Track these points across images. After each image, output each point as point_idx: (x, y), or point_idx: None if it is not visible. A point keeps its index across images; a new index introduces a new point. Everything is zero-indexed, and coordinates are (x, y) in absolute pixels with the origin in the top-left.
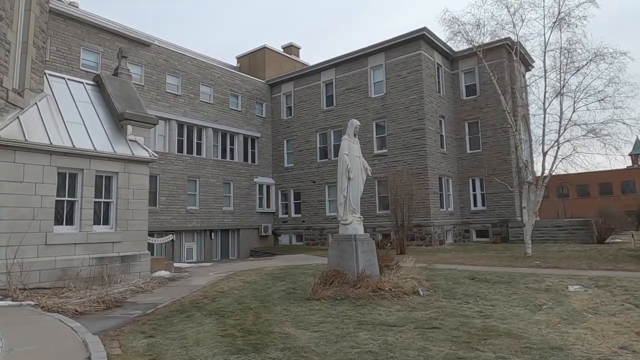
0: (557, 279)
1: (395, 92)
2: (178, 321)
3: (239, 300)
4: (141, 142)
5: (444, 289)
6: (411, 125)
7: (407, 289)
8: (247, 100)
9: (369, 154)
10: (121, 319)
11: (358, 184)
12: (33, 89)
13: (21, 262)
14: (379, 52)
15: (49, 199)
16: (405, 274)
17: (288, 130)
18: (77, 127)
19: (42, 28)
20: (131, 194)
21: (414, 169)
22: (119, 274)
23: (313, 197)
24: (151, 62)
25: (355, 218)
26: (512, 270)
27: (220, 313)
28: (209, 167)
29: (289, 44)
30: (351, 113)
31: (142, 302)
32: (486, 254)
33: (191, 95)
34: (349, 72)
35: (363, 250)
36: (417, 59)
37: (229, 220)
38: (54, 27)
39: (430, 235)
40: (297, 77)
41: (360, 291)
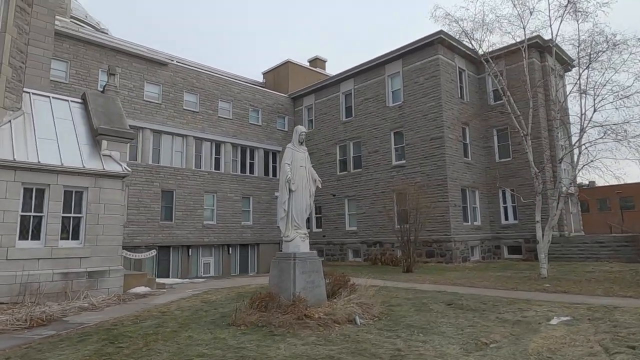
0: (550, 307)
1: (412, 99)
2: (64, 346)
3: (161, 324)
4: (117, 157)
5: (394, 316)
6: (430, 134)
7: (341, 316)
8: (267, 114)
9: (386, 166)
10: (21, 340)
11: (302, 196)
12: (8, 107)
13: None
14: (396, 59)
15: (11, 214)
16: (356, 297)
17: (309, 143)
18: (49, 143)
19: (20, 49)
20: (102, 209)
21: (433, 181)
22: (83, 290)
23: (333, 211)
24: (169, 80)
25: (298, 234)
26: (508, 295)
27: (118, 338)
28: (227, 182)
29: (315, 57)
30: (369, 123)
31: (74, 321)
32: (502, 274)
33: (209, 111)
34: (367, 82)
35: (303, 270)
36: (434, 64)
37: (248, 235)
38: (74, 51)
39: (451, 252)
40: (318, 90)
41: (285, 318)
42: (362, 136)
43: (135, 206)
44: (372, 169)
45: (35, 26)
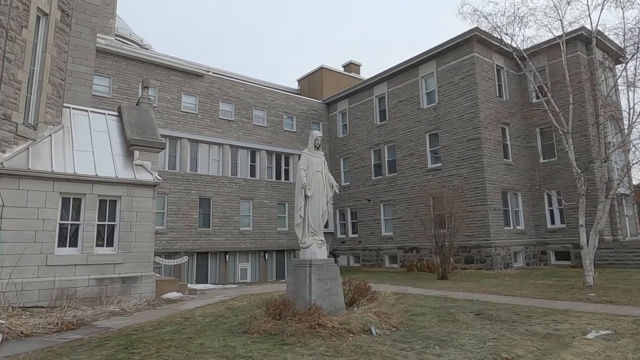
0: (590, 319)
1: (447, 100)
2: (82, 350)
3: (180, 330)
4: (148, 167)
5: (414, 327)
6: (466, 135)
7: (355, 326)
8: (302, 120)
9: (422, 169)
10: (47, 343)
11: (319, 202)
12: (49, 121)
13: (21, 281)
14: (430, 59)
15: (50, 222)
16: (376, 306)
17: (344, 148)
18: (85, 154)
19: (59, 67)
20: (134, 217)
21: (470, 183)
22: (117, 295)
23: (368, 216)
24: (205, 91)
25: (315, 241)
26: (545, 305)
27: (134, 344)
28: (262, 189)
29: (349, 62)
30: (404, 126)
31: (102, 325)
32: (544, 282)
33: (244, 119)
34: (400, 84)
35: (320, 278)
36: (469, 62)
37: (284, 240)
38: (116, 67)
39: (491, 258)
40: (351, 94)
41: (298, 326)
42: (396, 139)
43: (174, 214)
44: (407, 172)
45: (80, 45)
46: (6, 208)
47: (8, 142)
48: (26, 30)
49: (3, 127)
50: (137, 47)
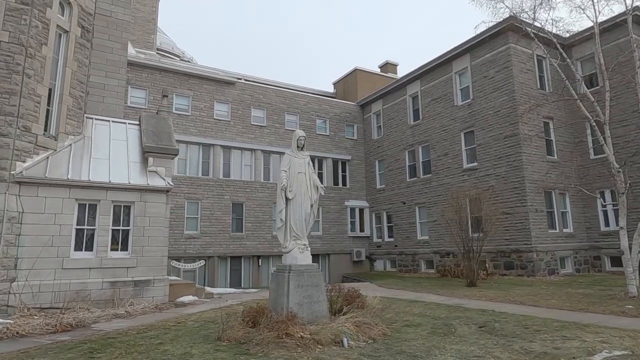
0: (609, 336)
1: (482, 96)
2: (51, 354)
3: (160, 335)
4: (162, 173)
5: (394, 339)
6: (503, 131)
7: (325, 337)
8: (335, 124)
9: (457, 169)
10: (32, 344)
11: (301, 205)
12: (69, 132)
13: (38, 284)
14: (464, 53)
15: (67, 228)
16: (362, 314)
17: (379, 150)
18: (101, 162)
19: (80, 80)
20: (147, 222)
21: (508, 184)
22: (129, 298)
23: (404, 220)
24: (237, 98)
25: (297, 245)
26: (568, 318)
27: (104, 348)
28: None
29: (385, 62)
30: (438, 125)
31: (98, 328)
32: (583, 291)
33: (276, 125)
34: (433, 81)
35: (299, 284)
36: (505, 54)
37: (318, 245)
38: (151, 79)
39: (532, 264)
40: (384, 94)
41: (268, 335)
42: (430, 139)
43: (207, 218)
44: (442, 173)
45: (111, 60)
46: (25, 214)
47: (28, 152)
48: (46, 47)
49: (23, 139)
50: (177, 60)
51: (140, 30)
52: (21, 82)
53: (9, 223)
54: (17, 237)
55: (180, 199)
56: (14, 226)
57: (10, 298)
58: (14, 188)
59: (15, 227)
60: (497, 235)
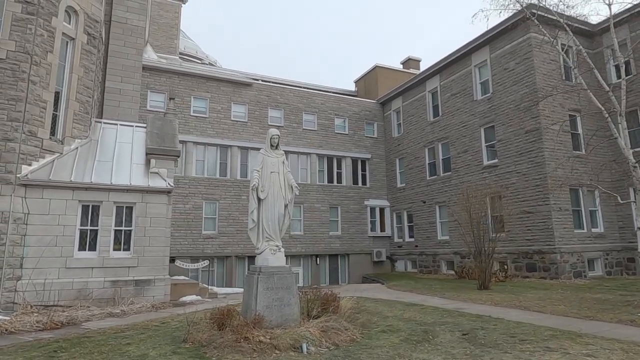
0: (599, 348)
1: (502, 89)
2: (21, 351)
3: (134, 335)
4: (164, 174)
5: (360, 346)
6: (524, 126)
7: (284, 342)
8: (354, 122)
9: (477, 167)
10: (9, 341)
11: (274, 205)
12: (76, 136)
13: (42, 282)
14: (483, 45)
15: (70, 228)
16: (335, 318)
17: (399, 148)
18: (105, 164)
19: (86, 85)
20: (148, 222)
21: (530, 181)
22: (129, 297)
23: (424, 219)
24: (254, 99)
25: (269, 247)
26: (566, 326)
27: (69, 348)
28: (313, 193)
29: (407, 58)
30: (457, 121)
31: (85, 326)
32: (600, 296)
33: (294, 125)
34: (452, 76)
35: (268, 286)
36: (526, 44)
37: (337, 245)
38: (170, 83)
39: (556, 266)
40: (404, 91)
41: (228, 338)
42: (450, 136)
43: (225, 219)
44: (462, 171)
45: (127, 65)
46: (31, 215)
47: (34, 156)
48: (51, 54)
49: (29, 143)
50: (198, 63)
51: (163, 35)
52: (27, 88)
53: (14, 224)
54: (22, 237)
55: (198, 199)
56: (19, 227)
57: (16, 296)
58: (19, 190)
59: (21, 227)
60: (518, 236)
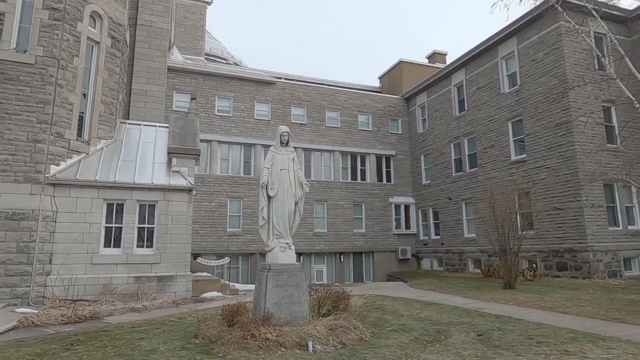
0: (622, 352)
1: (531, 81)
2: (42, 343)
3: (150, 330)
4: (185, 173)
5: (368, 345)
6: (553, 119)
7: (290, 340)
8: (378, 118)
9: (505, 162)
10: (33, 334)
11: (284, 202)
12: (101, 136)
13: (69, 278)
14: (510, 36)
15: (96, 225)
16: (345, 317)
17: (424, 144)
18: (128, 164)
19: (111, 87)
20: (170, 220)
21: (560, 176)
22: (152, 293)
23: (450, 216)
24: (277, 97)
25: (279, 244)
26: (591, 329)
27: (87, 341)
28: (337, 190)
29: (433, 52)
30: (483, 115)
31: (106, 320)
32: (633, 298)
33: (317, 122)
34: (478, 69)
35: (278, 284)
36: (555, 33)
37: (361, 242)
38: (194, 84)
39: (589, 265)
40: (429, 86)
41: (237, 335)
42: (476, 130)
43: (249, 216)
44: (488, 166)
45: (152, 67)
46: (59, 213)
47: (62, 156)
48: (77, 58)
49: (56, 144)
50: (223, 63)
51: (189, 37)
52: (54, 92)
53: (44, 222)
54: (51, 234)
55: (222, 197)
56: (48, 224)
57: (46, 290)
58: (48, 189)
59: (50, 225)
60: (548, 233)
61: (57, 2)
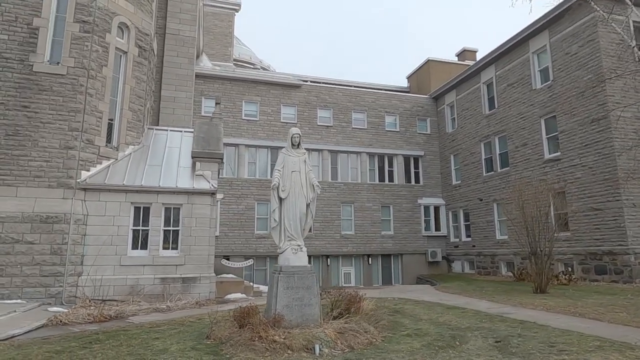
0: None
1: (564, 75)
2: (64, 341)
3: (167, 330)
4: (208, 176)
5: (377, 350)
6: (589, 115)
7: (297, 342)
8: (406, 119)
9: (537, 161)
10: (58, 332)
11: (295, 204)
12: (129, 142)
13: (100, 278)
14: (541, 30)
15: (123, 228)
16: (357, 320)
17: (453, 143)
18: (155, 168)
19: (138, 95)
20: (194, 222)
21: (597, 175)
22: (176, 294)
23: (481, 218)
24: (302, 100)
25: (290, 246)
26: (623, 337)
27: (106, 340)
28: (364, 192)
29: (462, 50)
30: (515, 113)
31: (130, 320)
32: None
33: (343, 124)
34: (509, 65)
35: (289, 286)
36: (590, 24)
37: (389, 244)
38: (222, 89)
39: (630, 268)
40: (457, 84)
41: (246, 337)
42: (507, 129)
43: None
44: (520, 166)
45: (180, 74)
46: (89, 217)
47: (92, 162)
48: (106, 68)
49: (87, 150)
50: (251, 68)
51: (218, 44)
52: (84, 100)
53: (75, 225)
54: (82, 236)
55: (250, 200)
56: (79, 227)
57: (77, 290)
58: (79, 194)
59: (81, 228)
60: (585, 235)
61: (87, 15)
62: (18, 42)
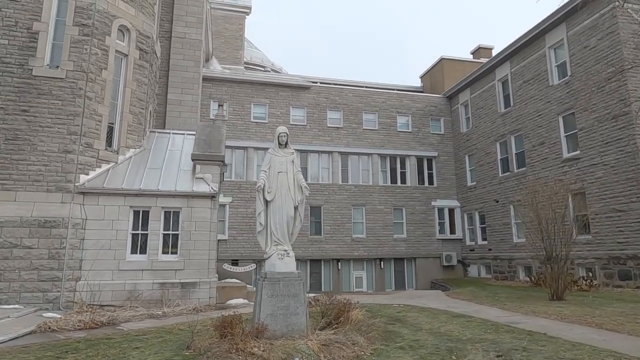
0: None
1: (583, 70)
2: (42, 350)
3: (150, 339)
4: (209, 179)
5: None
6: (609, 110)
7: (275, 355)
8: (418, 119)
9: (555, 160)
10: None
11: (282, 207)
12: (130, 145)
13: (98, 283)
14: (558, 23)
15: (122, 232)
16: (346, 330)
17: (468, 144)
18: (154, 171)
19: (139, 98)
20: (193, 226)
21: (620, 174)
22: (175, 299)
23: (497, 220)
24: (312, 102)
25: (277, 251)
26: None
27: (85, 349)
28: (376, 194)
29: (477, 47)
30: (531, 110)
31: (120, 327)
32: None
33: (353, 125)
34: (524, 61)
35: (273, 294)
36: (609, 15)
37: (402, 248)
38: (230, 92)
39: None
40: (472, 82)
41: (224, 348)
42: (523, 127)
43: None
44: (538, 165)
45: (186, 78)
46: (88, 221)
47: (91, 166)
48: (105, 71)
49: (86, 154)
50: (260, 71)
51: (229, 47)
52: (83, 104)
53: (73, 229)
54: (81, 241)
55: None
56: (78, 231)
57: (75, 295)
58: (78, 198)
59: (80, 232)
60: (607, 238)
61: (86, 18)
62: (18, 47)
